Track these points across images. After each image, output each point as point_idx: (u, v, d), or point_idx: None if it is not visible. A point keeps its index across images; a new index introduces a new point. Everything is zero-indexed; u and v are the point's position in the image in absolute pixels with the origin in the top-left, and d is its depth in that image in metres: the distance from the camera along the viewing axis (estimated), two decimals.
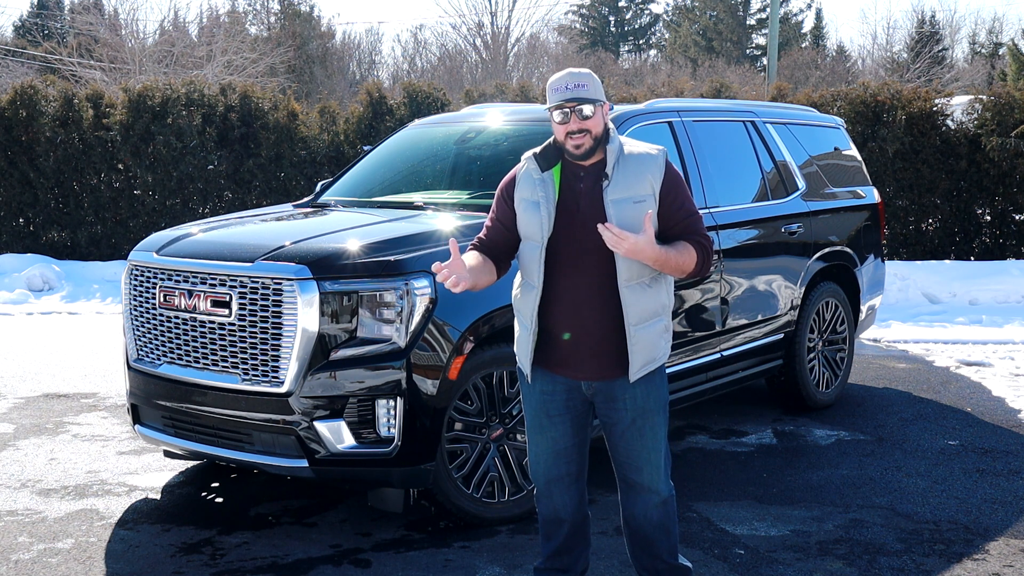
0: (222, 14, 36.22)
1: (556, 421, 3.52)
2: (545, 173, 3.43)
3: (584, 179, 3.41)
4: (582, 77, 3.36)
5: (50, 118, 13.57)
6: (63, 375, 7.83)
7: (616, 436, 3.50)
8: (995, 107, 12.38)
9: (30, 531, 4.61)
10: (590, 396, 3.50)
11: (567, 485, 3.59)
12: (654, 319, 3.40)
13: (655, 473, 3.50)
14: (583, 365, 3.43)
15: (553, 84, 3.38)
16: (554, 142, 3.46)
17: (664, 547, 3.58)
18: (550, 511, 3.63)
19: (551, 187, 3.41)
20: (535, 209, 3.40)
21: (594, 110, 3.35)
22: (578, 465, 3.59)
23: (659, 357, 3.45)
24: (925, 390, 7.32)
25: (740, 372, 6.02)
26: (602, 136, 3.38)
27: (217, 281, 4.44)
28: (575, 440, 3.56)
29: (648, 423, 3.46)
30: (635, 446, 3.48)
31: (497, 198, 3.58)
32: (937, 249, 12.78)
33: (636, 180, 3.36)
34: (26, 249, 13.72)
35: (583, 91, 3.33)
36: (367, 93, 14.05)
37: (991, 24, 57.44)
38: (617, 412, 3.46)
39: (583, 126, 3.34)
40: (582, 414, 3.55)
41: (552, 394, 3.50)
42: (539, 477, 3.61)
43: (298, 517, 4.80)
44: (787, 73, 32.73)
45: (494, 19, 45.91)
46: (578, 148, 3.35)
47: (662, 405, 3.49)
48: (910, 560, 4.30)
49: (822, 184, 6.81)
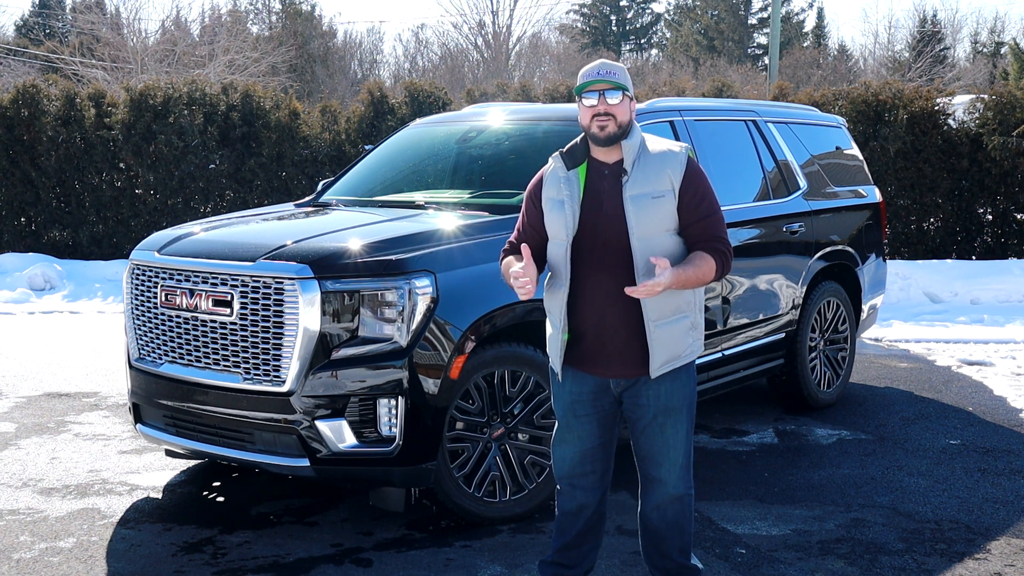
0: (224, 13, 36.22)
1: (584, 421, 3.54)
2: (571, 172, 3.46)
3: (607, 177, 3.43)
4: (615, 67, 3.42)
5: (52, 117, 13.58)
6: (65, 374, 7.83)
7: (638, 432, 3.53)
8: (997, 106, 12.37)
9: (32, 530, 4.62)
10: (618, 394, 3.51)
11: (592, 484, 3.61)
12: (677, 316, 3.42)
13: (673, 470, 3.51)
14: (609, 363, 3.45)
15: (586, 69, 3.43)
16: (580, 137, 3.49)
17: (676, 545, 3.58)
18: (570, 506, 3.65)
19: (576, 185, 3.44)
20: (560, 208, 3.43)
21: (622, 97, 3.38)
22: (603, 464, 3.62)
23: (684, 355, 3.46)
24: (927, 389, 7.32)
25: (741, 371, 6.02)
26: (626, 127, 3.41)
27: (219, 280, 4.44)
28: (601, 440, 3.58)
29: (670, 420, 3.47)
30: (656, 442, 3.50)
31: (526, 200, 3.61)
32: (939, 248, 12.77)
33: (655, 176, 3.38)
34: (28, 248, 13.73)
35: (615, 77, 3.38)
36: (368, 92, 14.05)
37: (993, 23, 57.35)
38: (640, 408, 3.48)
39: (610, 110, 3.37)
40: (610, 415, 3.56)
41: (580, 394, 3.53)
42: (563, 473, 3.63)
43: (299, 516, 4.80)
44: (789, 72, 32.71)
45: (495, 18, 45.93)
46: (603, 129, 3.37)
47: (687, 403, 3.51)
48: (911, 559, 4.30)
49: (824, 183, 6.81)
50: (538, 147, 5.57)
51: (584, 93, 3.40)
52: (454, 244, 4.56)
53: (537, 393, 4.65)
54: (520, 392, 4.64)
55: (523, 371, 4.63)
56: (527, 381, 4.64)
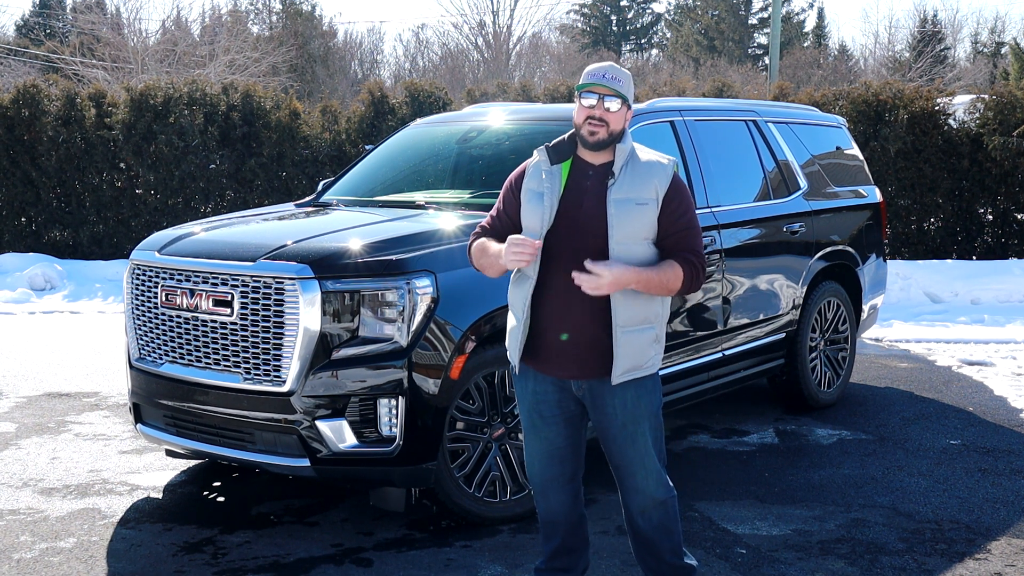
0: (224, 13, 36.23)
1: (549, 422, 3.52)
2: (554, 167, 3.45)
3: (592, 177, 3.42)
4: (621, 73, 3.40)
5: (52, 117, 13.58)
6: (65, 374, 7.83)
7: (608, 440, 3.50)
8: (997, 106, 12.37)
9: (32, 530, 4.62)
10: (580, 396, 3.49)
11: (561, 485, 3.59)
12: (644, 326, 3.39)
13: (648, 477, 3.49)
14: (567, 363, 3.43)
15: (592, 69, 3.41)
16: (569, 133, 3.47)
17: (666, 547, 3.57)
18: (546, 511, 3.64)
19: (557, 180, 3.43)
20: (538, 200, 3.42)
21: (620, 106, 3.37)
22: (573, 465, 3.59)
23: (646, 366, 3.42)
24: (927, 389, 7.32)
25: (742, 371, 6.02)
26: (617, 135, 3.40)
27: (219, 280, 4.44)
28: (569, 441, 3.56)
29: (639, 429, 3.45)
30: (627, 451, 3.47)
31: (505, 189, 3.60)
32: (939, 248, 12.77)
33: (642, 184, 3.37)
34: (28, 248, 13.73)
35: (618, 84, 3.37)
36: (369, 92, 14.05)
37: (993, 23, 57.45)
38: (607, 417, 3.45)
39: (606, 116, 3.36)
40: (576, 415, 3.54)
41: (544, 394, 3.50)
42: (535, 477, 3.62)
43: (300, 516, 4.80)
44: (789, 72, 32.71)
45: (496, 18, 45.96)
46: (592, 135, 3.37)
47: (652, 412, 3.47)
48: (912, 560, 4.30)
49: (824, 183, 6.81)
50: (538, 147, 5.57)
51: (584, 92, 3.39)
52: (454, 244, 4.56)
53: None
54: None
55: None
56: None
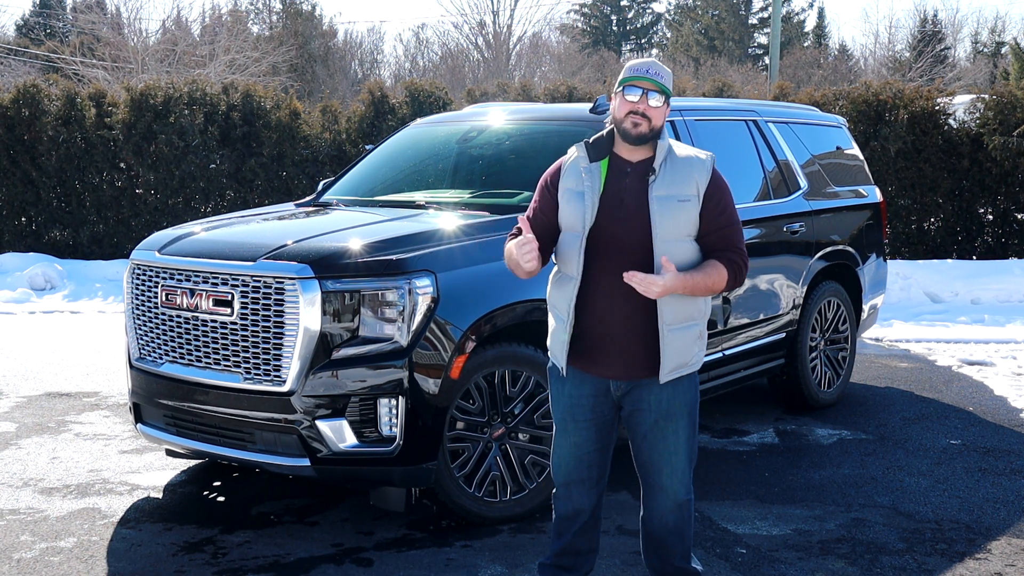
0: (224, 13, 36.22)
1: (582, 426, 3.52)
2: (592, 164, 3.42)
3: (631, 175, 3.40)
4: (663, 70, 3.40)
5: (52, 117, 13.58)
6: (65, 374, 7.83)
7: (639, 438, 3.50)
8: (997, 106, 12.37)
9: (32, 530, 4.62)
10: (618, 397, 3.48)
11: (587, 488, 3.59)
12: (689, 323, 3.39)
13: (673, 476, 3.49)
14: (613, 363, 3.42)
15: (635, 64, 3.40)
16: (607, 130, 3.45)
17: (677, 550, 3.57)
18: (566, 509, 3.63)
19: (597, 178, 3.40)
20: (579, 199, 3.39)
21: (663, 102, 3.37)
22: (599, 469, 3.59)
23: (691, 363, 3.43)
24: (927, 389, 7.32)
25: (742, 371, 6.02)
26: (658, 131, 3.39)
27: (219, 280, 4.44)
28: (598, 445, 3.55)
29: (671, 426, 3.44)
30: (657, 448, 3.47)
31: (540, 188, 3.55)
32: (939, 248, 12.77)
33: (683, 180, 3.36)
34: (28, 248, 13.73)
35: (661, 79, 3.36)
36: (369, 92, 14.05)
37: (993, 23, 57.30)
38: (641, 413, 3.45)
39: (649, 112, 3.35)
40: (608, 421, 3.54)
41: (580, 398, 3.49)
42: (559, 478, 3.62)
43: (300, 516, 4.80)
44: (789, 72, 32.71)
45: (496, 18, 45.95)
46: (636, 127, 3.35)
47: (689, 409, 3.47)
48: (912, 559, 4.30)
49: (824, 183, 6.81)
50: (539, 147, 5.57)
51: (628, 87, 3.36)
52: (455, 244, 4.56)
53: (537, 393, 4.65)
54: (520, 392, 4.64)
55: (524, 371, 4.63)
56: (528, 381, 4.64)
